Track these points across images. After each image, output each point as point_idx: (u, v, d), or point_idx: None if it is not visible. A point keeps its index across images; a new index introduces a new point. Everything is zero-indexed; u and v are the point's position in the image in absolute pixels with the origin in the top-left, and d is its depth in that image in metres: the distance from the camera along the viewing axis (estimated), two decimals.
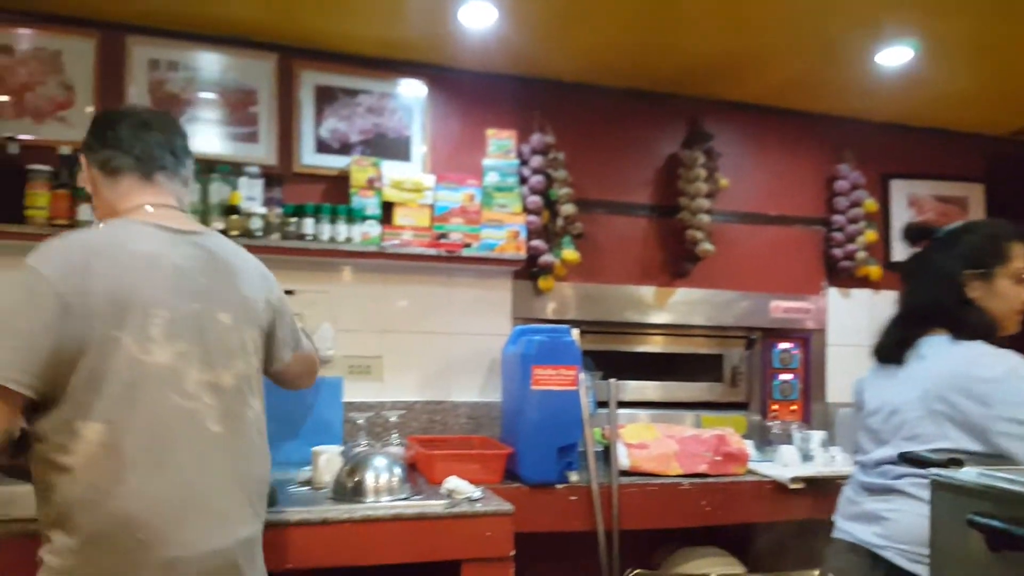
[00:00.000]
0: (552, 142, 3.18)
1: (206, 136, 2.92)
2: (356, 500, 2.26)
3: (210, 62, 2.94)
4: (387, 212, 2.98)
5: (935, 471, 1.35)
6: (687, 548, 3.05)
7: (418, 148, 3.16)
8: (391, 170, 3.02)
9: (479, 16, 2.73)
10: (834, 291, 3.69)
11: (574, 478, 2.70)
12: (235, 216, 2.75)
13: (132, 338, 1.51)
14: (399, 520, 2.18)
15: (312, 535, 2.11)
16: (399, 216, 2.98)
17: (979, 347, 1.85)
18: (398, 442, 2.81)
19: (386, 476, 2.32)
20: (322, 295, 3.02)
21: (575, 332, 2.81)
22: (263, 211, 2.79)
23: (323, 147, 3.06)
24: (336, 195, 3.01)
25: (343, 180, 3.00)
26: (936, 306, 1.95)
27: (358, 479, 2.31)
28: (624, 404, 3.33)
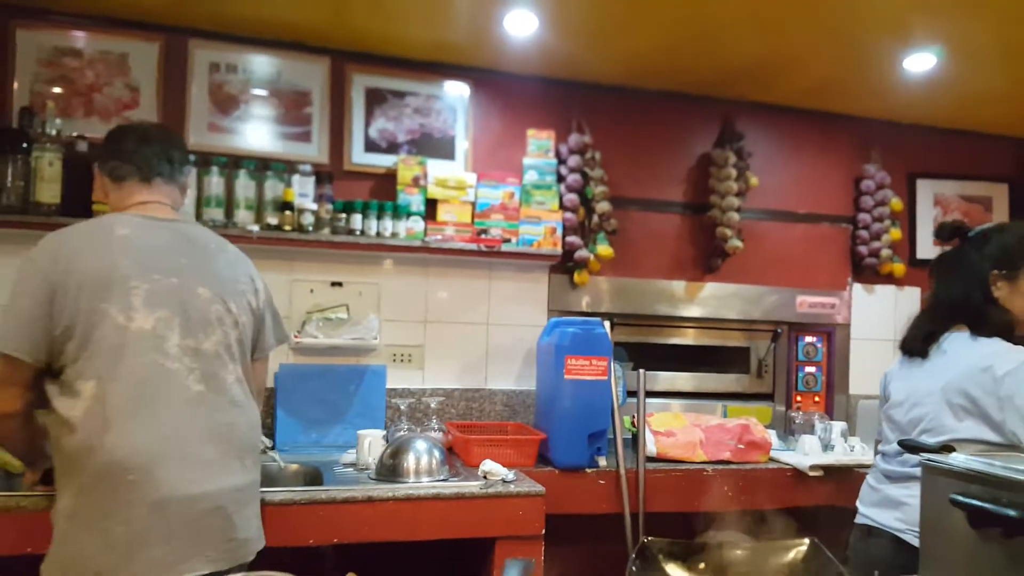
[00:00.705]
0: (589, 142, 3.30)
1: (262, 135, 3.07)
2: (398, 480, 2.42)
3: (266, 65, 3.08)
4: (431, 208, 3.11)
5: (926, 456, 1.46)
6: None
7: (461, 147, 3.29)
8: (435, 168, 3.16)
9: (522, 24, 2.84)
10: (859, 287, 3.78)
11: (603, 463, 2.83)
12: (288, 212, 2.90)
13: (117, 308, 1.78)
14: (439, 499, 2.34)
15: (358, 512, 2.27)
16: (442, 212, 3.11)
17: (997, 343, 1.94)
18: (437, 427, 2.95)
19: (426, 458, 2.48)
20: (368, 287, 3.16)
21: (607, 324, 2.94)
22: (314, 207, 2.94)
23: (372, 146, 3.19)
24: (383, 192, 3.16)
25: (390, 178, 3.14)
26: (963, 302, 2.03)
27: (400, 461, 2.47)
28: (655, 394, 3.47)
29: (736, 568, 1.30)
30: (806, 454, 3.07)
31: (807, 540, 1.29)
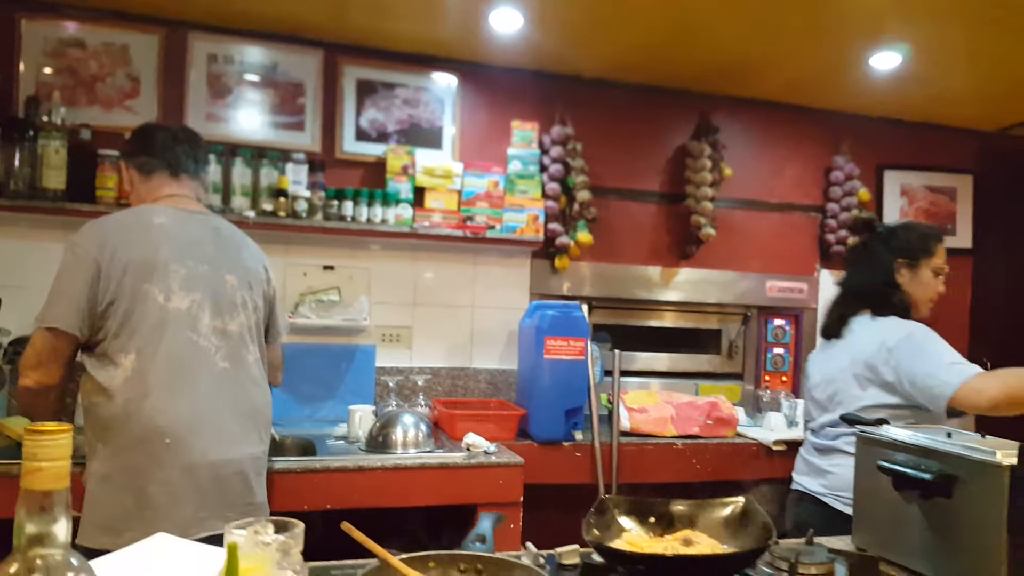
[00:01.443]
0: (571, 133, 3.44)
1: (257, 124, 3.20)
2: (386, 452, 2.60)
3: (262, 57, 3.21)
4: (419, 196, 3.24)
5: (860, 428, 1.67)
6: None
7: (448, 137, 3.42)
8: (423, 158, 3.28)
9: (507, 21, 2.96)
10: (826, 273, 3.95)
11: (579, 437, 3.01)
12: (283, 199, 3.03)
13: (158, 289, 1.95)
14: (424, 469, 2.52)
15: (349, 480, 2.45)
16: (430, 200, 3.25)
17: (891, 320, 2.24)
18: (424, 403, 3.12)
19: (413, 431, 2.66)
20: (359, 271, 3.31)
21: (585, 308, 3.11)
22: (307, 194, 3.07)
23: (362, 136, 3.32)
24: (373, 180, 3.29)
25: (380, 166, 3.27)
26: (869, 286, 2.33)
27: (388, 433, 2.64)
28: (633, 373, 3.66)
29: (680, 520, 1.50)
30: (771, 430, 3.26)
31: (742, 498, 1.49)
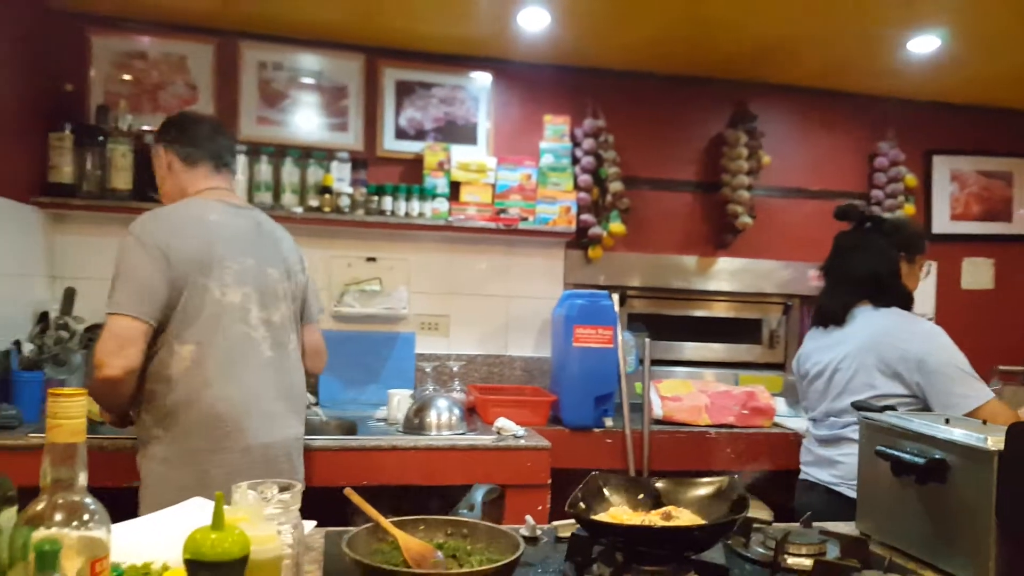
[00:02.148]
0: (603, 125, 3.50)
1: (305, 126, 3.39)
2: (421, 433, 2.74)
3: (308, 62, 3.40)
4: (455, 190, 3.37)
5: (864, 415, 1.70)
6: None
7: (483, 133, 3.54)
8: (459, 153, 3.41)
9: (535, 19, 3.06)
10: None
11: (609, 423, 3.08)
12: (328, 195, 3.21)
13: (215, 283, 2.06)
14: (454, 450, 2.66)
15: (384, 458, 2.61)
16: (465, 194, 3.37)
17: (899, 312, 2.30)
18: (460, 388, 3.24)
19: (446, 415, 2.79)
20: (399, 262, 3.46)
21: (615, 297, 3.18)
22: (350, 190, 3.23)
23: (401, 134, 3.47)
24: (412, 176, 3.44)
25: (418, 163, 3.41)
26: (874, 277, 2.36)
27: (423, 416, 2.78)
28: (673, 363, 3.70)
29: (667, 496, 1.56)
30: None
31: (726, 477, 1.54)
